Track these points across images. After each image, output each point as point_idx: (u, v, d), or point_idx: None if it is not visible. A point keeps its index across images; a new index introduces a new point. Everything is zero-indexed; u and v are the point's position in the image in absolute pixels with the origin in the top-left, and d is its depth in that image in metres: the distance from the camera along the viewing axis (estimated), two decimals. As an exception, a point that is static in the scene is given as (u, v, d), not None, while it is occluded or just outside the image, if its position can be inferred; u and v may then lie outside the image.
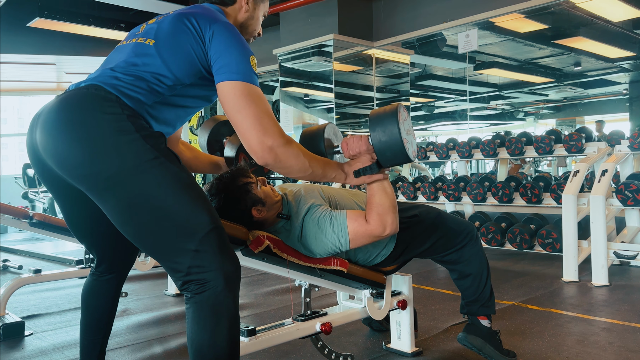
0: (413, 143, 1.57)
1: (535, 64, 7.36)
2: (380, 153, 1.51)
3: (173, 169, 1.18)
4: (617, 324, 2.41)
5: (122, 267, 1.54)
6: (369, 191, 1.60)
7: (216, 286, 1.14)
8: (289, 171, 1.35)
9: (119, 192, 1.14)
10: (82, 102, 1.18)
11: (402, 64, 6.85)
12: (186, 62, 1.27)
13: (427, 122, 9.11)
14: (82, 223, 1.42)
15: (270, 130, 1.24)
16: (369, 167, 1.52)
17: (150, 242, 1.17)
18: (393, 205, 1.59)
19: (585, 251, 3.39)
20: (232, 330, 1.17)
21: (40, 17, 6.22)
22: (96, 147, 1.14)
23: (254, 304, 2.94)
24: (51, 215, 2.95)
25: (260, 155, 1.26)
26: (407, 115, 1.56)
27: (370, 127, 1.51)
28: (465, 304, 1.95)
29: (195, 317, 1.15)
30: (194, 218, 1.15)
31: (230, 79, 1.24)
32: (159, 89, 1.25)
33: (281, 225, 1.70)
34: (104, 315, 1.50)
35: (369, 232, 1.59)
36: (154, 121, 1.27)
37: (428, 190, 4.53)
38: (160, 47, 1.27)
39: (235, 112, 1.24)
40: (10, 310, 2.69)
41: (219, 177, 1.66)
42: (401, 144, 1.46)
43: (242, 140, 1.26)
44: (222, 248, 1.17)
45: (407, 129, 1.53)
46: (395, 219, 1.59)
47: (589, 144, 3.86)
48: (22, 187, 7.86)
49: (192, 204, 1.16)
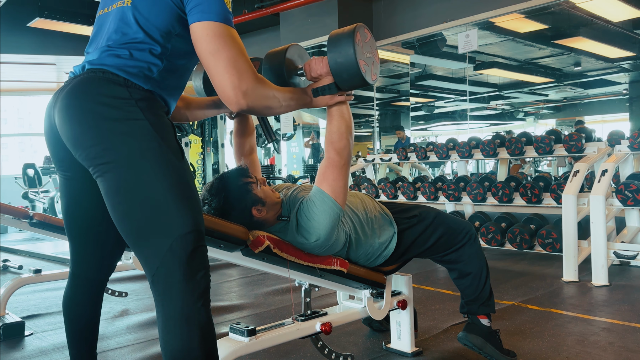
0: (375, 67, 1.54)
1: (535, 64, 7.36)
2: (337, 75, 1.49)
3: (174, 162, 1.18)
4: (617, 324, 2.41)
5: (104, 271, 1.49)
6: (328, 117, 1.60)
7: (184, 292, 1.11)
8: (262, 112, 1.35)
9: (119, 174, 1.14)
10: (91, 87, 1.19)
11: (402, 64, 6.85)
12: (165, 11, 1.24)
13: (427, 122, 9.11)
14: (80, 217, 1.41)
15: (244, 73, 1.21)
16: (327, 87, 1.51)
17: (131, 229, 1.16)
18: (348, 129, 1.60)
19: (585, 251, 3.39)
20: (206, 340, 1.14)
21: (40, 17, 6.23)
22: (105, 132, 1.15)
23: (254, 304, 2.94)
24: (51, 215, 2.94)
25: (234, 100, 1.22)
26: (369, 37, 1.53)
27: (328, 47, 1.49)
28: (465, 303, 1.95)
29: (165, 326, 1.13)
30: (177, 215, 1.14)
31: (203, 19, 1.20)
32: (155, 52, 1.24)
33: (281, 226, 1.70)
34: (88, 323, 1.46)
35: (332, 167, 1.58)
36: (165, 92, 1.27)
37: (428, 190, 4.53)
38: (137, 3, 1.25)
39: (207, 55, 1.20)
40: (10, 310, 2.69)
41: (220, 176, 1.67)
42: (356, 65, 1.44)
43: (214, 85, 1.22)
44: (195, 253, 1.14)
45: (368, 51, 1.49)
46: (348, 143, 1.59)
47: (589, 144, 3.86)
48: (22, 187, 7.86)
49: (181, 201, 1.15)
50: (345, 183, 1.61)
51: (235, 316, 2.70)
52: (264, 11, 6.73)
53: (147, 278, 1.16)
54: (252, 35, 8.34)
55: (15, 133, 12.31)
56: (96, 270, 1.46)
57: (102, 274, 1.48)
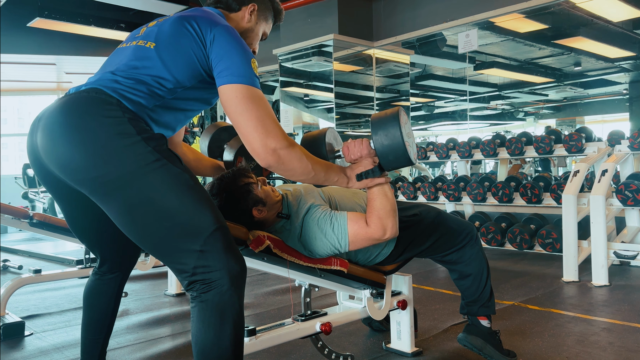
0: (413, 146, 1.58)
1: (535, 64, 7.36)
2: (382, 157, 1.52)
3: (175, 171, 1.18)
4: (617, 324, 2.41)
5: (124, 266, 1.54)
6: (370, 195, 1.61)
7: (222, 285, 1.14)
8: (292, 174, 1.35)
9: (121, 195, 1.14)
10: (82, 105, 1.18)
11: (402, 64, 6.85)
12: (187, 65, 1.27)
13: (427, 122, 9.11)
14: (85, 224, 1.43)
15: (272, 132, 1.24)
16: (371, 171, 1.54)
17: (155, 243, 1.18)
18: (393, 209, 1.61)
19: (585, 251, 3.39)
20: (237, 330, 1.17)
21: (40, 17, 6.22)
22: (98, 150, 1.14)
23: (254, 304, 2.94)
24: (51, 215, 2.94)
25: (263, 157, 1.25)
26: (406, 119, 1.57)
27: (373, 130, 1.52)
28: (465, 304, 1.95)
29: (200, 316, 1.15)
30: (198, 219, 1.15)
31: (232, 82, 1.24)
32: (159, 92, 1.26)
33: (281, 224, 1.70)
34: (106, 314, 1.51)
35: (369, 235, 1.60)
36: (155, 124, 1.28)
37: (428, 190, 4.53)
38: (161, 50, 1.27)
39: (237, 115, 1.24)
40: (10, 310, 2.69)
41: (220, 177, 1.67)
42: (404, 147, 1.48)
43: (244, 142, 1.26)
44: (227, 247, 1.17)
45: (408, 132, 1.54)
46: (395, 222, 1.60)
47: (589, 144, 3.86)
48: (22, 187, 7.86)
49: (196, 204, 1.16)
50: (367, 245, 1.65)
51: (235, 316, 2.69)
52: (264, 11, 6.70)
53: (182, 284, 1.19)
54: (252, 35, 8.30)
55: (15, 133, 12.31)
56: (116, 264, 1.51)
57: (123, 267, 1.53)
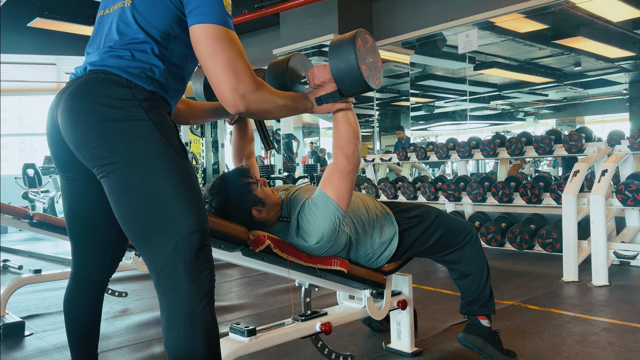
0: (377, 71, 1.54)
1: (535, 64, 7.37)
2: (339, 80, 1.49)
3: (178, 162, 1.18)
4: (617, 324, 2.41)
5: (105, 272, 1.50)
6: (334, 122, 1.60)
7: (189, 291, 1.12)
8: (261, 116, 1.34)
9: (123, 174, 1.15)
10: (94, 89, 1.19)
11: (402, 64, 6.85)
12: (165, 12, 1.24)
13: (427, 122, 9.12)
14: (83, 218, 1.41)
15: (243, 76, 1.21)
16: (330, 95, 1.52)
17: (137, 228, 1.16)
18: (356, 135, 1.60)
19: (585, 251, 3.39)
20: (210, 340, 1.14)
21: (40, 17, 6.23)
22: (109, 133, 1.15)
23: (254, 304, 2.94)
24: (51, 215, 2.94)
25: (232, 103, 1.23)
26: (371, 42, 1.53)
27: (329, 54, 1.49)
28: (465, 304, 1.95)
29: (169, 325, 1.13)
30: (183, 214, 1.14)
31: (202, 22, 1.20)
32: (156, 53, 1.24)
33: (282, 226, 1.70)
34: (89, 324, 1.46)
35: (339, 173, 1.58)
36: (166, 93, 1.28)
37: (428, 190, 4.53)
38: (137, 4, 1.25)
39: (206, 57, 1.20)
40: (10, 310, 2.69)
41: (221, 176, 1.67)
42: (358, 70, 1.44)
43: (213, 87, 1.23)
44: (200, 252, 1.15)
45: (371, 57, 1.50)
46: (356, 149, 1.59)
47: (589, 144, 3.86)
48: (22, 187, 7.86)
49: (186, 200, 1.16)
50: (350, 189, 1.61)
51: (235, 316, 2.70)
52: (264, 11, 6.73)
53: (152, 278, 1.17)
54: (252, 35, 8.34)
55: (15, 133, 12.32)
56: (97, 271, 1.46)
57: (103, 275, 1.48)
